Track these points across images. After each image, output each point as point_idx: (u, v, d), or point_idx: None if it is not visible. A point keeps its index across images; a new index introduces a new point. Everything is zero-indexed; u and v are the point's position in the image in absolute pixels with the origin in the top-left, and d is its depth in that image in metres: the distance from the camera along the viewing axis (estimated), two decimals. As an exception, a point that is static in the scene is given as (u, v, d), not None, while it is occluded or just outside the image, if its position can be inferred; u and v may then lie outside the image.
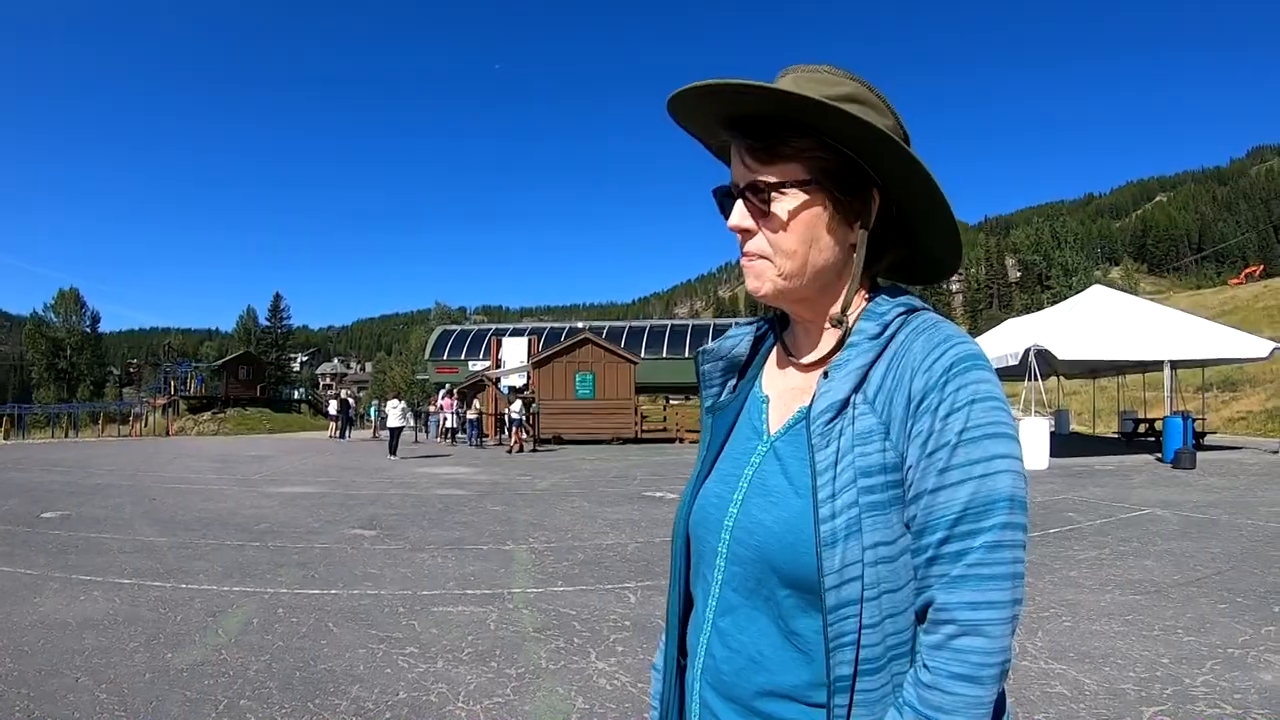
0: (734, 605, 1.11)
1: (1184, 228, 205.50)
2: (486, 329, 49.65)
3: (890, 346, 1.09)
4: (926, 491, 0.99)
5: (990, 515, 0.96)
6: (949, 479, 0.98)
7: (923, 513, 0.99)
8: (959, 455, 0.98)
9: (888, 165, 1.11)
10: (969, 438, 0.98)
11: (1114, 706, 4.34)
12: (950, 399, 1.00)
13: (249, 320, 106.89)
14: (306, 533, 10.17)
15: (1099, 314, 21.10)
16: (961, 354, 1.03)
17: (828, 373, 1.11)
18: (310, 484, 16.54)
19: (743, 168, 1.15)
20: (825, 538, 0.99)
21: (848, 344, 1.12)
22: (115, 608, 6.52)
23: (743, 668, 1.08)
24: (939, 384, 1.01)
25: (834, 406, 1.06)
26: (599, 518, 11.46)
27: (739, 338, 1.32)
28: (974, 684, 0.93)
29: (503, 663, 5.18)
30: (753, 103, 1.10)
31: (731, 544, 1.12)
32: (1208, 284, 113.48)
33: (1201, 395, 28.61)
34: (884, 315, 1.12)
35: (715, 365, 1.31)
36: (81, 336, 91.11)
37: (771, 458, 1.14)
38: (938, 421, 1.00)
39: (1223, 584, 6.96)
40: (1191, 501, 12.05)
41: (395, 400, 27.45)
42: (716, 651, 1.12)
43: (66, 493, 14.74)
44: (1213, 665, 4.96)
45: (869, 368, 1.09)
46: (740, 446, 1.21)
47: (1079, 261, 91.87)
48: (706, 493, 1.21)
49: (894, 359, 1.07)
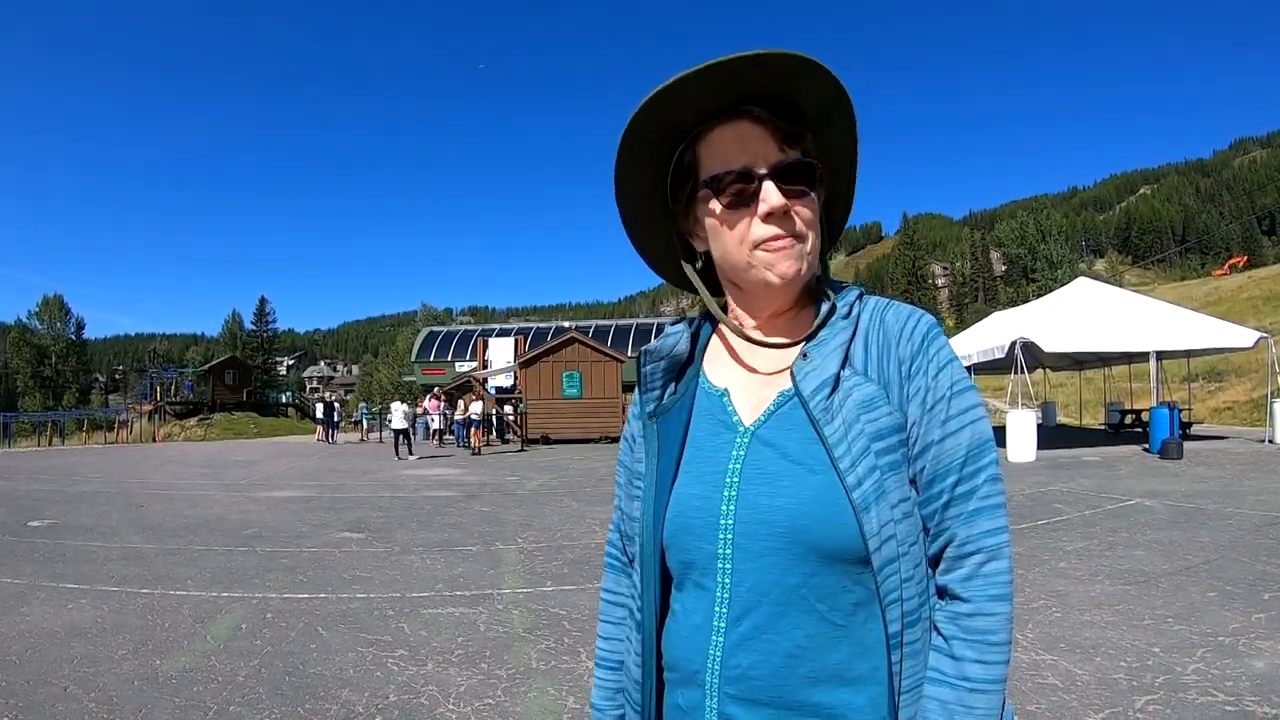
0: (754, 605, 1.07)
1: (1168, 220, 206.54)
2: (473, 330, 49.49)
3: (860, 325, 1.16)
4: (934, 442, 1.08)
5: (985, 454, 1.08)
6: (951, 427, 1.08)
7: (932, 462, 1.08)
8: (954, 406, 1.08)
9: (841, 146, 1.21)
10: (957, 390, 1.09)
11: (1106, 696, 4.34)
12: (935, 359, 1.11)
13: (234, 325, 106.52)
14: (294, 537, 10.12)
15: (1084, 306, 21.17)
16: (930, 323, 1.14)
17: (806, 354, 1.14)
18: (298, 488, 16.48)
19: (772, 148, 1.13)
20: (859, 503, 1.02)
21: (819, 325, 1.17)
22: (103, 615, 6.47)
23: (780, 666, 1.05)
24: (922, 348, 1.11)
25: (828, 383, 1.10)
26: (588, 517, 11.46)
27: (678, 336, 1.28)
28: (1006, 601, 1.04)
29: (493, 664, 5.16)
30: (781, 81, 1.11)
31: (741, 541, 1.08)
32: (1192, 275, 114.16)
33: (1187, 385, 28.80)
34: (845, 298, 1.19)
35: (657, 366, 1.27)
36: (66, 343, 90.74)
37: (759, 446, 1.12)
38: (930, 380, 1.10)
39: (1212, 572, 6.98)
40: (1179, 491, 12.10)
41: (399, 403, 27.27)
42: (740, 660, 1.07)
43: (53, 501, 14.64)
44: (1204, 653, 4.97)
45: (848, 345, 1.14)
46: (709, 443, 1.17)
47: (1064, 254, 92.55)
48: (683, 497, 1.15)
49: (869, 333, 1.15)
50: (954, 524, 1.05)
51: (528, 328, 48.99)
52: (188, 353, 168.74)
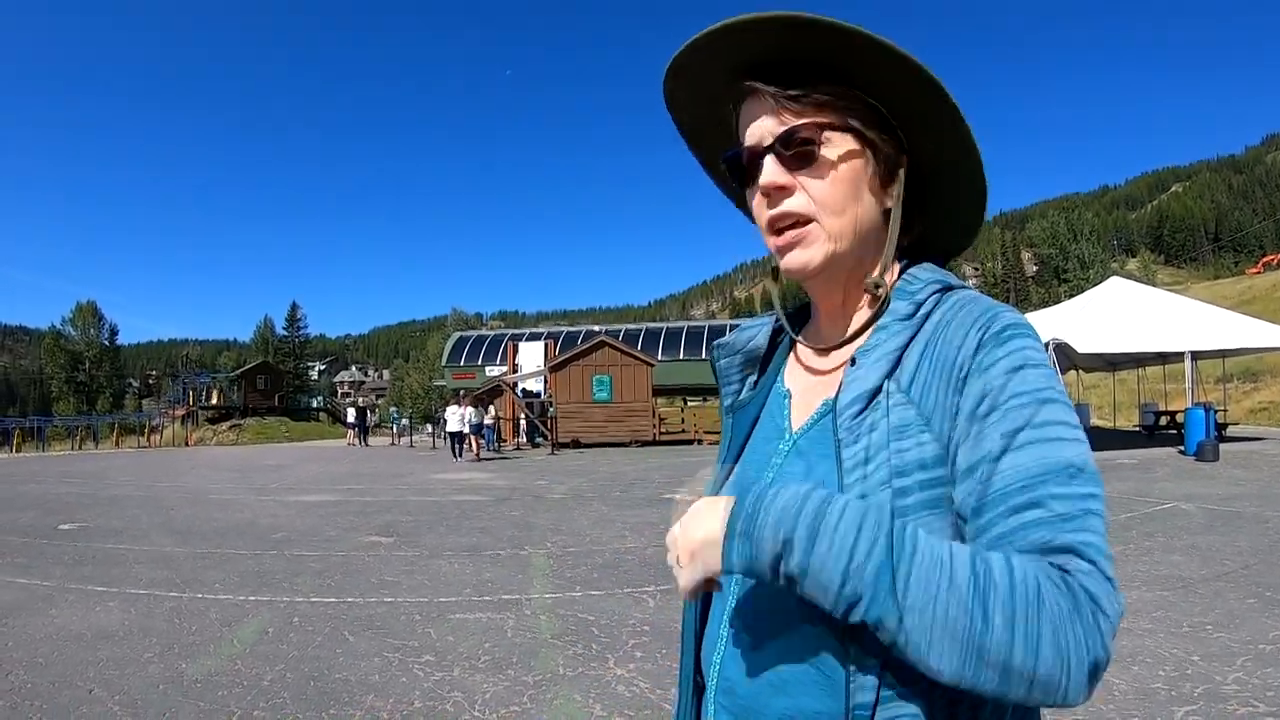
0: (750, 623, 0.98)
1: (1200, 217, 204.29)
2: (503, 334, 49.57)
3: (925, 327, 0.98)
4: (988, 458, 0.85)
5: (1081, 481, 0.84)
6: (1020, 440, 0.84)
7: (979, 485, 0.85)
8: (1027, 416, 0.85)
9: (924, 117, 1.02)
10: (1036, 399, 0.86)
11: (1145, 707, 4.24)
12: (1005, 361, 0.88)
13: (266, 330, 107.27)
14: (323, 541, 10.15)
15: (1118, 306, 20.94)
16: (1007, 320, 0.92)
17: (855, 360, 1.00)
18: (327, 492, 16.57)
19: (772, 120, 1.02)
20: None
21: (877, 326, 1.01)
22: (130, 618, 6.50)
23: (761, 691, 0.95)
24: (988, 349, 0.89)
25: (863, 397, 0.95)
26: (617, 521, 11.42)
27: (756, 329, 1.22)
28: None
29: (520, 670, 5.12)
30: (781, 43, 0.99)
31: None
32: (1226, 273, 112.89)
33: (1222, 386, 28.41)
34: (916, 293, 1.02)
35: (732, 361, 1.23)
36: (100, 349, 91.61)
37: (795, 458, 1.03)
38: (991, 381, 0.88)
39: (1251, 578, 6.84)
40: (1216, 494, 11.90)
41: (455, 406, 27.24)
42: (731, 673, 0.99)
43: (83, 504, 14.79)
44: (1244, 662, 4.85)
45: (902, 351, 0.97)
46: (761, 448, 1.10)
47: (1095, 254, 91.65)
48: None
49: (931, 340, 0.95)
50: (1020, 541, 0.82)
51: (557, 331, 49.00)
52: (220, 358, 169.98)
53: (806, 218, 1.00)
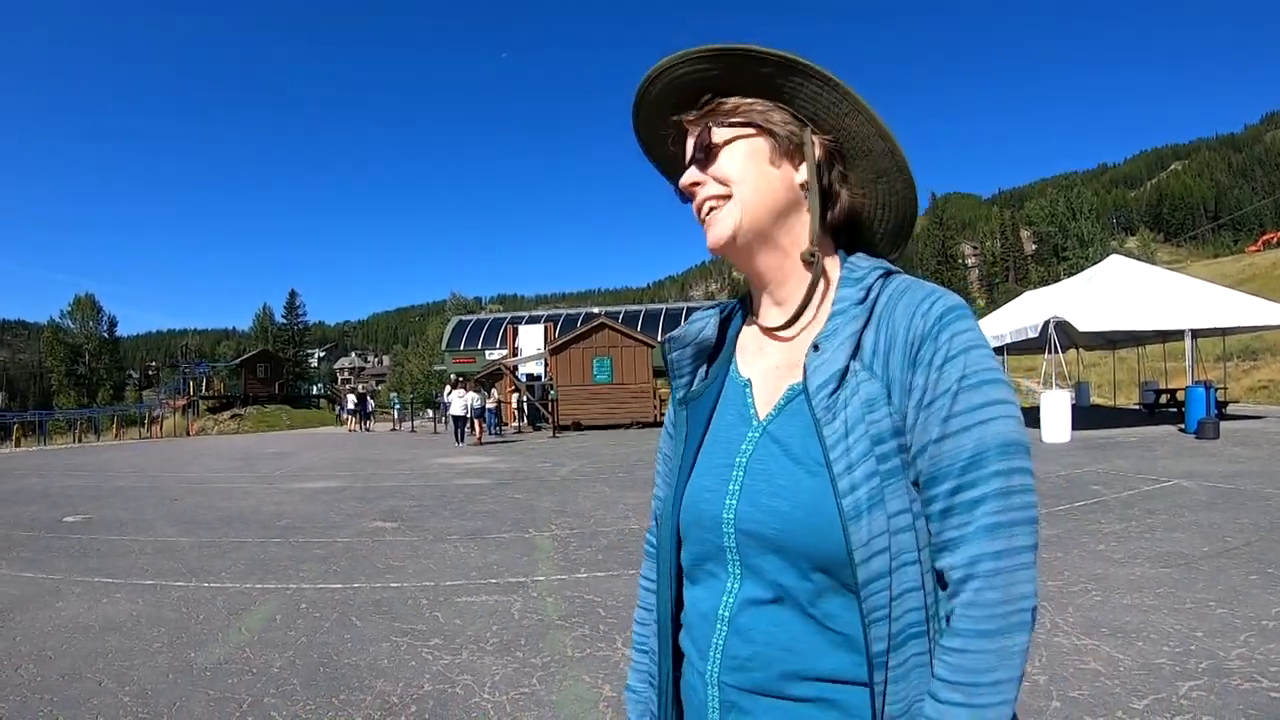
0: (755, 600, 1.06)
1: (1200, 196, 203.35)
2: (502, 317, 49.53)
3: (875, 309, 1.08)
4: (931, 441, 0.99)
5: (994, 459, 0.96)
6: (953, 426, 0.98)
7: (929, 463, 0.99)
8: (961, 402, 0.98)
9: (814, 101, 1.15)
10: (968, 384, 0.99)
11: (1149, 682, 4.26)
12: (945, 348, 1.00)
13: (265, 318, 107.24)
14: (328, 527, 10.18)
15: (1118, 284, 20.88)
16: (948, 305, 1.04)
17: (818, 345, 1.08)
18: (330, 478, 16.61)
19: (692, 139, 1.19)
20: (849, 511, 0.97)
21: (833, 313, 1.11)
22: (138, 609, 6.52)
23: (774, 659, 1.03)
24: (932, 334, 1.01)
25: (834, 377, 1.04)
26: (620, 502, 11.45)
27: (704, 321, 1.27)
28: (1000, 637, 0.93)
29: (528, 652, 5.15)
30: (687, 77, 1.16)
31: (741, 538, 1.07)
32: (1225, 252, 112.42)
33: (1223, 364, 28.39)
34: (863, 279, 1.12)
35: (684, 353, 1.26)
36: (99, 341, 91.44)
37: (767, 442, 1.10)
38: (934, 371, 1.00)
39: (1253, 555, 6.86)
40: (1217, 472, 11.92)
41: (460, 390, 27.25)
42: (739, 650, 1.06)
43: (87, 496, 14.80)
44: (1247, 638, 4.87)
45: (860, 334, 1.07)
46: (726, 435, 1.16)
47: (1095, 232, 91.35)
48: (695, 488, 1.15)
49: (881, 321, 1.07)
50: (952, 540, 0.97)
51: (557, 314, 48.95)
52: (219, 347, 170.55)
53: (717, 197, 1.15)
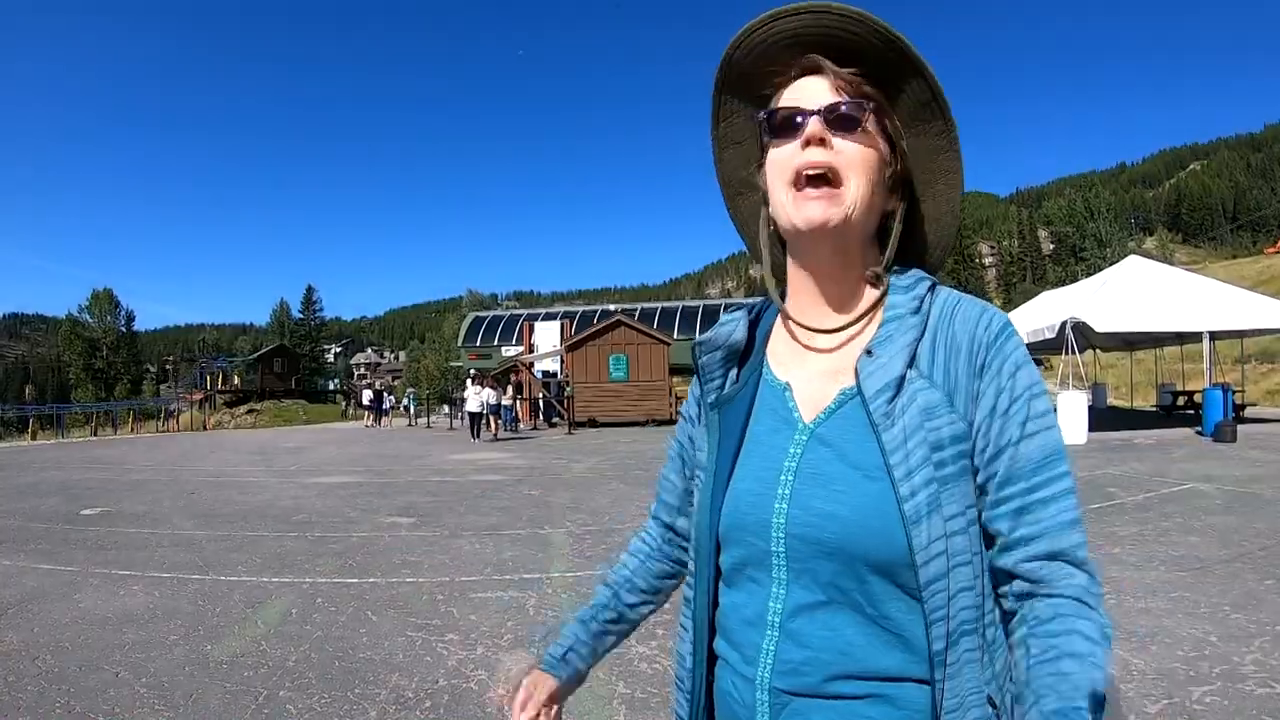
0: (808, 604, 1.06)
1: (1219, 196, 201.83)
2: (519, 314, 49.68)
3: (929, 321, 1.11)
4: (1012, 443, 1.04)
5: (1062, 462, 1.04)
6: (1030, 429, 1.04)
7: (1008, 463, 1.03)
8: (1033, 408, 1.05)
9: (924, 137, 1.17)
10: (1034, 393, 1.05)
11: (1163, 686, 4.26)
12: (1011, 360, 1.06)
13: (282, 313, 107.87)
14: (344, 522, 10.24)
15: (1135, 285, 20.75)
16: (1003, 320, 1.09)
17: (871, 350, 1.09)
18: (347, 473, 16.69)
19: (827, 89, 1.12)
20: (910, 516, 0.99)
21: (885, 319, 1.12)
22: (155, 602, 6.58)
23: (830, 662, 1.04)
24: (996, 347, 1.07)
25: (892, 384, 1.05)
26: (636, 500, 11.46)
27: (734, 324, 1.26)
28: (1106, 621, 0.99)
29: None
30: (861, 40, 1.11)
31: (793, 542, 1.06)
32: (1244, 253, 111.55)
33: (1240, 367, 28.19)
34: (914, 289, 1.14)
35: (714, 356, 1.25)
36: (117, 335, 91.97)
37: (817, 445, 1.09)
38: (1005, 380, 1.05)
39: (1269, 560, 6.83)
40: (1234, 475, 11.85)
41: (476, 386, 27.29)
42: (792, 655, 1.06)
43: (105, 489, 14.90)
44: (1262, 643, 4.85)
45: (916, 343, 1.09)
46: (768, 439, 1.15)
47: (1113, 232, 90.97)
48: (738, 492, 1.14)
49: (938, 332, 1.10)
50: (1028, 535, 1.02)
51: (573, 311, 49.01)
52: (237, 342, 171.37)
53: (837, 177, 1.09)
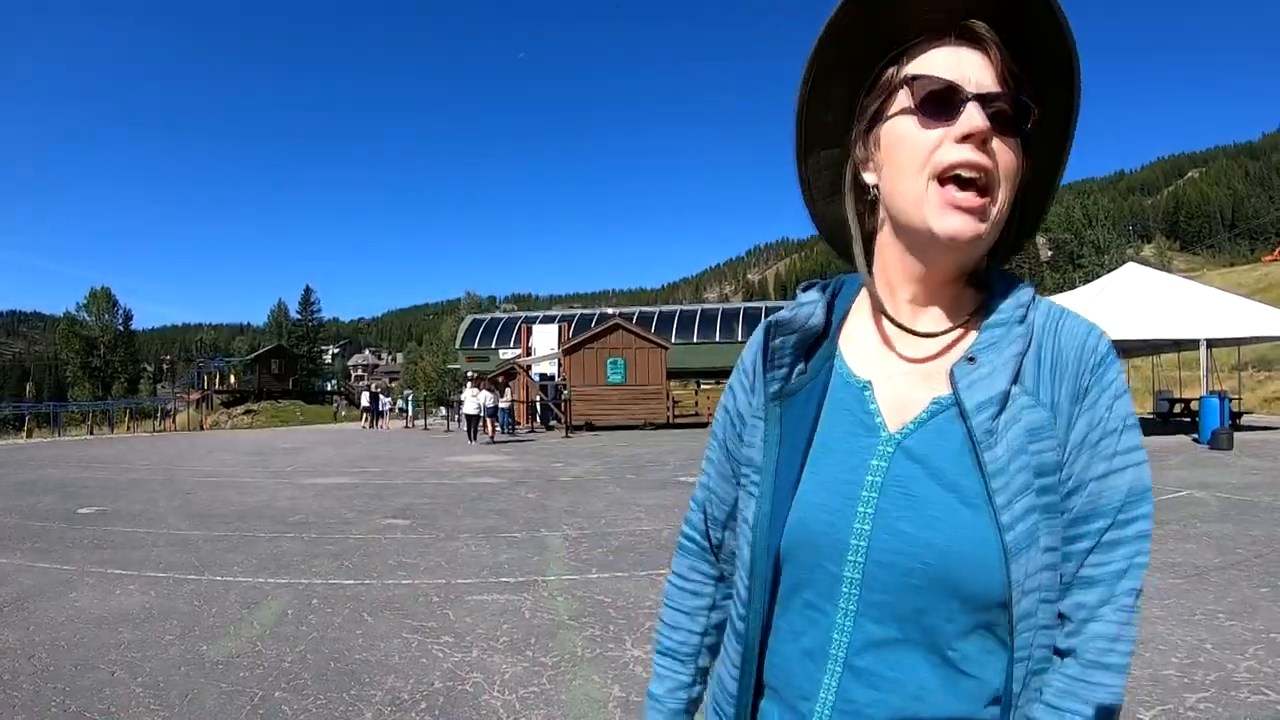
0: (880, 639, 0.95)
1: (1217, 204, 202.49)
2: (517, 317, 49.64)
3: (1034, 334, 0.99)
4: (1096, 478, 0.94)
5: (1145, 503, 0.95)
6: (1117, 464, 0.94)
7: (1088, 500, 0.94)
8: (1124, 442, 0.95)
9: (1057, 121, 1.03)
10: (1129, 425, 0.96)
11: (1156, 693, 4.27)
12: (1111, 388, 0.96)
13: (280, 314, 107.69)
14: (340, 523, 10.23)
15: (1133, 292, 20.78)
16: (1107, 344, 0.99)
17: (973, 357, 0.97)
18: (344, 475, 16.68)
19: (989, 73, 0.96)
20: (1011, 548, 0.89)
21: (988, 325, 1.00)
22: (150, 601, 6.57)
23: (900, 706, 0.93)
24: (1099, 373, 0.96)
25: (997, 399, 0.94)
26: (632, 504, 11.47)
27: (813, 306, 1.09)
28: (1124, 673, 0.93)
29: (538, 651, 5.18)
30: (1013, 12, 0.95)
31: (873, 569, 0.94)
32: (1242, 261, 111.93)
33: (1237, 374, 28.28)
34: (1019, 296, 1.02)
35: (787, 340, 1.08)
36: (114, 334, 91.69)
37: (904, 460, 0.96)
38: (1102, 410, 0.95)
39: (1264, 567, 6.84)
40: (1230, 483, 11.87)
41: (473, 389, 27.27)
42: (857, 695, 0.95)
43: (101, 489, 14.89)
44: (1256, 650, 4.86)
45: (1022, 356, 0.97)
46: (843, 445, 1.00)
47: (1111, 239, 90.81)
48: (806, 504, 0.99)
49: (1041, 346, 0.98)
50: (1091, 577, 0.93)
51: (571, 314, 49.04)
52: (234, 342, 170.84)
53: (989, 186, 0.96)
